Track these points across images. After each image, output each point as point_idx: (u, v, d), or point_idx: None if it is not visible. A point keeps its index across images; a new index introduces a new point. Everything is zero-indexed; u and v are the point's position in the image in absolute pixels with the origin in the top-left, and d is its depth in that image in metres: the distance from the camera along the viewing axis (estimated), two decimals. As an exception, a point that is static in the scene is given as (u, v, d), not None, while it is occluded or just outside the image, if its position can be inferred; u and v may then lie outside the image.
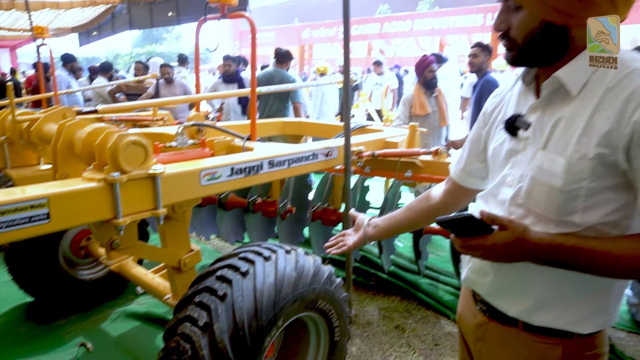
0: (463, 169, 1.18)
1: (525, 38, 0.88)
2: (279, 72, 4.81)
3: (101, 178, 1.47)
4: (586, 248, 0.80)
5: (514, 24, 0.89)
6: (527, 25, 0.87)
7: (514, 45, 0.90)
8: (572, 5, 0.82)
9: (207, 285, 1.60)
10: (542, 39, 0.87)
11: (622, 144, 0.79)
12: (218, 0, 2.41)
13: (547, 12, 0.83)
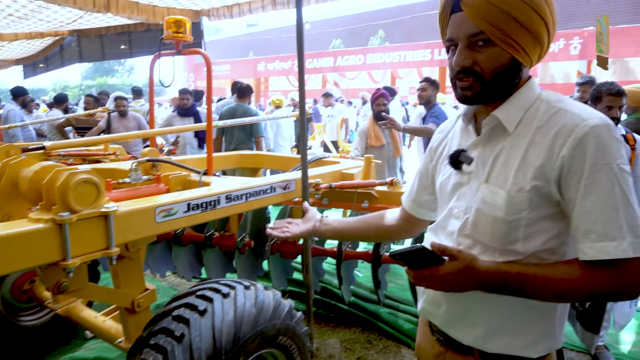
0: (414, 200, 1.23)
1: (494, 72, 0.92)
2: (241, 106, 5.00)
3: (49, 218, 1.41)
4: (530, 274, 0.86)
5: (481, 60, 0.92)
6: (497, 60, 0.91)
7: (480, 81, 0.93)
8: (529, 44, 0.90)
9: (163, 326, 1.55)
10: (508, 75, 0.93)
11: (554, 176, 0.87)
12: (173, 37, 2.42)
13: (516, 49, 0.90)
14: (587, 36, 14.61)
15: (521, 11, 0.87)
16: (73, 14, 7.67)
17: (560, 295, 0.87)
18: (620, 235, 0.82)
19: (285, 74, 22.48)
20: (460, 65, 0.93)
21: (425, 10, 25.45)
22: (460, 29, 0.92)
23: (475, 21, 0.89)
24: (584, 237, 0.85)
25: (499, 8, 0.87)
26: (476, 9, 0.88)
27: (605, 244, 0.82)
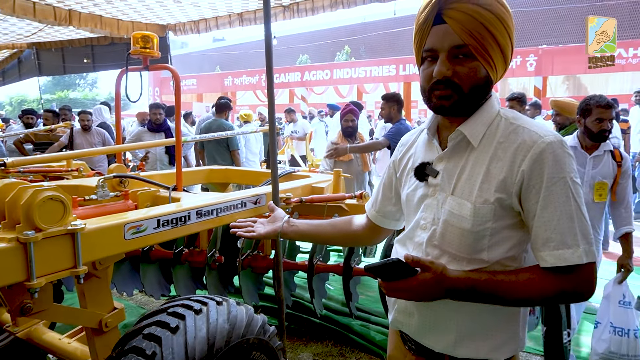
0: (378, 210, 1.27)
1: (471, 86, 0.96)
2: (216, 121, 5.20)
3: (12, 237, 1.37)
4: (497, 280, 0.90)
5: (462, 72, 0.95)
6: (476, 74, 0.96)
7: (458, 93, 0.97)
8: (499, 61, 0.96)
9: (134, 345, 1.51)
10: (482, 89, 0.98)
11: (515, 189, 0.93)
12: (140, 52, 2.40)
13: (490, 65, 0.96)
14: (541, 54, 15.34)
15: (498, 29, 0.93)
16: (32, 26, 7.47)
17: (525, 300, 0.92)
18: (576, 243, 0.89)
19: (253, 88, 22.47)
20: (442, 74, 0.96)
21: (389, 27, 26.16)
22: (443, 40, 0.95)
23: (460, 34, 0.93)
24: (543, 246, 0.91)
25: (481, 24, 0.92)
26: (462, 22, 0.92)
27: (563, 251, 0.89)
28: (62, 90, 32.75)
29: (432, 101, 1.01)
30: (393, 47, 26.33)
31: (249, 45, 31.97)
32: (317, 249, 2.93)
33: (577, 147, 2.61)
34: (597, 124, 2.50)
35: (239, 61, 30.63)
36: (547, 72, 15.89)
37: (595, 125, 2.50)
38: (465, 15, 0.92)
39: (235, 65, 29.64)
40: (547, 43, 20.29)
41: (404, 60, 18.07)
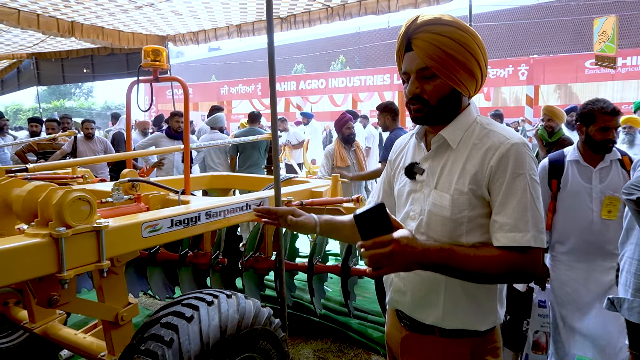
0: None
1: (437, 99, 1.14)
2: (253, 130, 5.54)
3: (46, 233, 1.52)
4: (458, 252, 1.04)
5: (428, 89, 1.12)
6: (441, 90, 1.13)
7: (427, 106, 1.14)
8: (466, 79, 1.13)
9: (153, 333, 1.66)
10: (449, 102, 1.15)
11: (485, 182, 1.10)
12: (151, 64, 2.56)
13: (456, 82, 1.13)
14: (533, 63, 15.67)
15: (459, 52, 1.10)
16: (35, 37, 7.62)
17: (482, 274, 1.05)
18: (527, 229, 1.04)
19: (249, 97, 22.66)
20: (412, 93, 1.15)
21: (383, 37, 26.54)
22: (411, 64, 1.14)
23: (423, 59, 1.11)
24: (499, 229, 1.07)
25: (440, 49, 1.09)
26: (423, 49, 1.11)
27: (515, 234, 1.05)
28: (58, 100, 32.82)
29: (411, 113, 1.20)
30: (387, 56, 26.68)
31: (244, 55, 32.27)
32: (316, 250, 3.08)
33: (579, 160, 2.22)
34: (601, 133, 2.13)
35: (234, 70, 30.91)
36: (539, 81, 16.21)
37: (599, 134, 2.13)
38: (426, 43, 1.10)
39: (231, 74, 29.90)
40: (538, 53, 20.71)
41: (398, 70, 18.34)
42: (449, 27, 1.10)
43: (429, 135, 1.23)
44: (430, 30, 1.10)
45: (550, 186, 2.28)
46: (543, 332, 2.32)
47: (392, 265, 0.97)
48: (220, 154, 5.41)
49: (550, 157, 2.32)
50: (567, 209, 2.23)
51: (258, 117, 6.03)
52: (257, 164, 5.28)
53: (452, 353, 1.18)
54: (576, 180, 2.21)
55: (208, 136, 5.49)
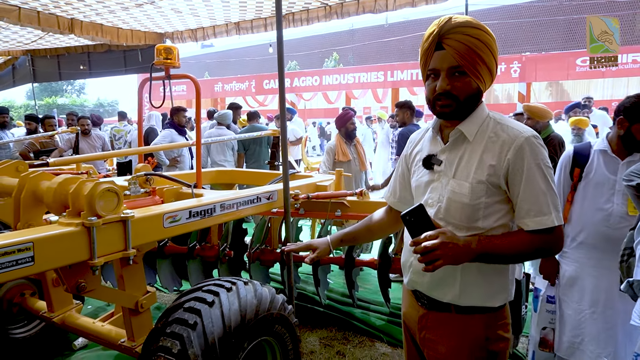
0: (398, 198, 1.55)
1: (466, 97, 1.25)
2: (255, 127, 5.86)
3: (79, 222, 1.61)
4: (495, 240, 1.19)
5: (458, 86, 1.23)
6: (469, 87, 1.24)
7: (456, 102, 1.24)
8: (487, 76, 1.25)
9: (177, 317, 1.76)
10: (474, 98, 1.27)
11: (503, 173, 1.22)
12: (163, 63, 2.65)
13: (481, 80, 1.25)
14: (525, 61, 15.87)
15: (485, 53, 1.22)
16: (33, 34, 7.63)
17: (515, 256, 1.20)
18: (549, 211, 1.18)
19: (242, 94, 22.65)
20: (442, 89, 1.24)
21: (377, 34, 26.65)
22: (443, 62, 1.23)
23: (455, 57, 1.22)
24: (526, 215, 1.20)
25: (472, 49, 1.21)
26: (456, 48, 1.21)
27: (541, 218, 1.19)
28: (50, 96, 32.58)
29: (435, 109, 1.30)
30: (381, 53, 26.83)
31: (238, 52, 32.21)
32: (321, 242, 3.18)
33: (607, 150, 2.15)
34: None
35: (227, 67, 30.85)
36: (531, 79, 16.41)
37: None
38: (459, 44, 1.21)
39: (224, 71, 29.85)
40: (531, 50, 20.95)
41: (392, 67, 18.47)
42: (478, 30, 1.22)
43: (444, 129, 1.34)
44: (463, 32, 1.21)
45: (572, 175, 2.24)
46: (551, 328, 2.33)
47: (446, 256, 1.10)
48: (226, 150, 5.51)
49: (575, 146, 2.30)
50: (586, 199, 2.19)
51: (256, 115, 6.19)
52: (261, 159, 5.38)
53: (467, 328, 1.30)
54: (601, 170, 2.15)
55: (215, 132, 5.57)
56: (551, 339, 2.34)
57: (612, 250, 1.98)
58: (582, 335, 2.20)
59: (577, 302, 2.23)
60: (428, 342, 1.38)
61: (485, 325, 1.29)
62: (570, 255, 2.27)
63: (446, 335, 1.33)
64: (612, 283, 2.05)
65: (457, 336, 1.31)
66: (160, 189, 2.52)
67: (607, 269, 2.09)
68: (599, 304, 2.16)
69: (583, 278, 2.21)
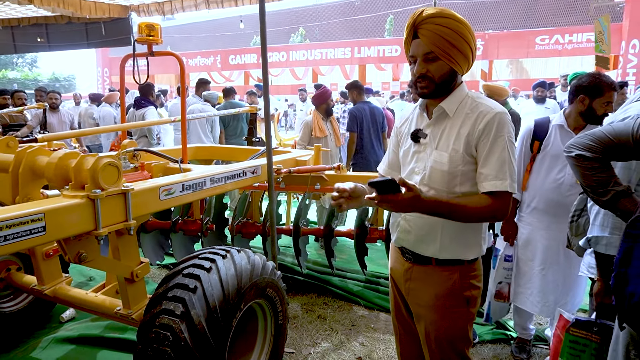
0: (388, 165, 1.71)
1: (440, 78, 1.42)
2: (232, 103, 6.02)
3: (84, 195, 1.69)
4: (451, 202, 1.36)
5: (432, 69, 1.40)
6: (442, 69, 1.41)
7: (432, 83, 1.42)
8: (461, 60, 1.41)
9: (177, 282, 1.88)
10: (449, 79, 1.43)
11: (474, 142, 1.40)
12: (146, 40, 2.68)
13: (454, 63, 1.40)
14: (487, 39, 16.27)
15: (456, 40, 1.38)
16: (-13, 4, 7.23)
17: (470, 216, 1.37)
18: (504, 178, 1.37)
19: (208, 70, 22.18)
20: (419, 72, 1.43)
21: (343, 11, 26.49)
22: (418, 49, 1.42)
23: (428, 45, 1.39)
24: (484, 179, 1.39)
25: (442, 37, 1.37)
26: (428, 37, 1.38)
27: (495, 182, 1.37)
28: (0, 70, 30.77)
29: (417, 89, 1.47)
30: (347, 29, 26.73)
31: (201, 26, 31.29)
32: (301, 214, 3.34)
33: (564, 125, 2.36)
34: (605, 106, 2.23)
35: (189, 41, 29.96)
36: (493, 56, 16.90)
37: (603, 107, 2.23)
38: (430, 32, 1.38)
39: (187, 45, 28.99)
40: (493, 28, 21.45)
41: (359, 43, 18.53)
42: (448, 20, 1.37)
43: (430, 107, 1.51)
44: (434, 22, 1.37)
45: (532, 147, 2.45)
46: (506, 283, 2.65)
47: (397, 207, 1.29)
48: (207, 125, 5.55)
49: (536, 120, 2.52)
50: (542, 170, 2.41)
51: (231, 90, 6.20)
52: (239, 135, 5.46)
53: (445, 277, 1.50)
54: (557, 143, 2.36)
55: (200, 107, 5.56)
56: (506, 292, 2.66)
57: (561, 215, 2.24)
58: (532, 288, 2.53)
59: (530, 259, 2.54)
60: (412, 292, 1.58)
61: (460, 275, 1.50)
62: (525, 219, 2.55)
63: (428, 284, 1.53)
64: (559, 243, 2.34)
65: (437, 285, 1.51)
66: (148, 164, 2.59)
67: (555, 231, 2.39)
68: (547, 262, 2.47)
69: (536, 240, 2.50)
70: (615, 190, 1.42)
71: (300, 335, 2.86)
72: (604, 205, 1.47)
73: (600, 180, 1.44)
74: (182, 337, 1.74)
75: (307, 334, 2.87)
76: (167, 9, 7.53)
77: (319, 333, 2.89)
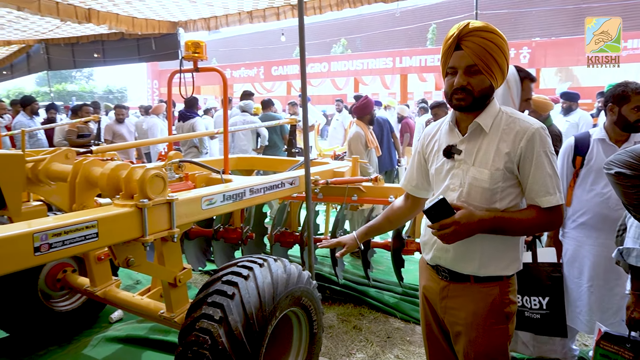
0: (415, 185, 1.73)
1: (480, 92, 1.43)
2: (269, 115, 6.22)
3: (132, 204, 1.82)
4: (507, 217, 1.39)
5: (473, 82, 1.40)
6: (483, 83, 1.42)
7: (470, 96, 1.42)
8: (498, 74, 1.43)
9: (217, 289, 1.96)
10: (487, 93, 1.45)
11: (516, 160, 1.41)
12: (192, 57, 2.83)
13: (493, 77, 1.42)
14: (534, 46, 15.80)
15: (497, 54, 1.40)
16: (51, 24, 7.81)
17: (527, 229, 1.40)
18: (554, 192, 1.38)
19: (251, 81, 22.74)
20: (460, 84, 1.41)
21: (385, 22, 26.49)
22: (461, 61, 1.41)
23: (472, 57, 1.40)
24: (536, 195, 1.40)
25: (486, 51, 1.39)
26: (473, 49, 1.39)
27: (548, 197, 1.38)
28: (60, 83, 32.84)
29: (452, 102, 1.47)
30: (390, 39, 26.69)
31: (246, 38, 32.15)
32: (338, 225, 3.38)
33: (605, 139, 2.35)
34: (636, 112, 2.23)
35: (235, 54, 30.84)
36: (540, 64, 16.35)
37: (634, 113, 2.24)
38: (476, 45, 1.39)
39: (232, 57, 29.86)
40: (541, 36, 20.76)
41: (400, 53, 18.43)
42: (492, 34, 1.40)
43: (461, 122, 1.52)
44: (480, 35, 1.39)
45: (574, 163, 2.43)
46: None
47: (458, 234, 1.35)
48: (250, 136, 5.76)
49: (576, 136, 2.49)
50: (587, 184, 2.37)
51: (269, 103, 6.39)
52: (277, 146, 5.60)
53: (484, 294, 1.50)
54: (600, 157, 2.33)
55: (240, 119, 5.78)
56: None
57: (608, 229, 2.19)
58: (581, 306, 2.43)
59: (577, 277, 2.44)
60: (449, 310, 1.58)
61: (500, 291, 1.49)
62: (570, 234, 2.47)
63: (466, 302, 1.53)
64: (607, 260, 2.25)
65: (476, 302, 1.51)
66: (192, 174, 2.72)
67: (603, 246, 2.30)
68: (595, 278, 2.37)
69: (583, 256, 2.41)
70: None
71: (336, 345, 2.88)
72: None
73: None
74: (220, 341, 1.81)
75: (342, 344, 2.90)
76: (213, 24, 7.87)
77: (354, 344, 2.90)
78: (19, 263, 1.49)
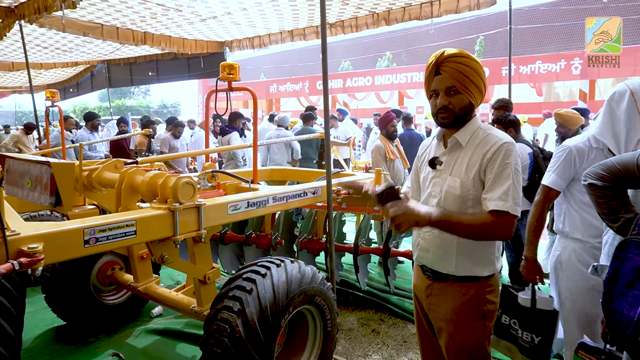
0: (413, 190, 1.91)
1: (460, 110, 1.60)
2: (306, 129, 6.57)
3: (166, 207, 2.11)
4: (458, 218, 1.50)
5: (453, 102, 1.58)
6: (462, 102, 1.59)
7: (452, 114, 1.60)
8: (476, 94, 1.59)
9: (237, 284, 2.22)
10: (467, 111, 1.62)
11: (483, 168, 1.56)
12: (227, 77, 3.13)
13: (471, 96, 1.59)
14: (586, 57, 15.26)
15: (473, 76, 1.57)
16: (112, 46, 8.55)
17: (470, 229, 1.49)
18: (507, 200, 1.49)
19: (297, 95, 23.35)
20: (442, 104, 1.60)
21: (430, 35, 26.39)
22: (441, 84, 1.60)
23: (450, 80, 1.58)
24: (489, 200, 1.51)
25: (462, 73, 1.56)
26: (450, 73, 1.57)
27: (497, 202, 1.49)
28: (120, 99, 35.23)
29: (438, 120, 1.66)
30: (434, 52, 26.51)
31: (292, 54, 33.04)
32: (361, 233, 3.57)
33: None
34: None
35: (282, 69, 31.77)
36: (594, 75, 15.71)
37: None
38: (452, 69, 1.57)
39: (279, 72, 30.77)
40: (594, 46, 19.91)
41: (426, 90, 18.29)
42: (466, 59, 1.58)
43: (446, 137, 1.70)
44: (455, 60, 1.57)
45: None
46: None
47: (407, 222, 1.44)
48: (284, 149, 6.07)
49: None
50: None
51: (309, 117, 6.67)
52: (310, 158, 5.87)
53: (462, 293, 1.65)
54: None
55: (275, 132, 6.12)
56: None
57: None
58: None
59: None
60: (433, 307, 1.74)
61: (476, 291, 1.64)
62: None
63: (446, 300, 1.69)
64: None
65: (455, 300, 1.66)
66: (223, 183, 3.01)
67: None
68: None
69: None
70: (625, 217, 1.48)
71: (353, 347, 3.05)
72: (617, 231, 1.53)
73: (611, 208, 1.52)
74: (238, 330, 2.05)
75: (359, 346, 3.07)
76: (257, 42, 8.31)
77: (371, 346, 3.06)
78: (72, 252, 1.80)
